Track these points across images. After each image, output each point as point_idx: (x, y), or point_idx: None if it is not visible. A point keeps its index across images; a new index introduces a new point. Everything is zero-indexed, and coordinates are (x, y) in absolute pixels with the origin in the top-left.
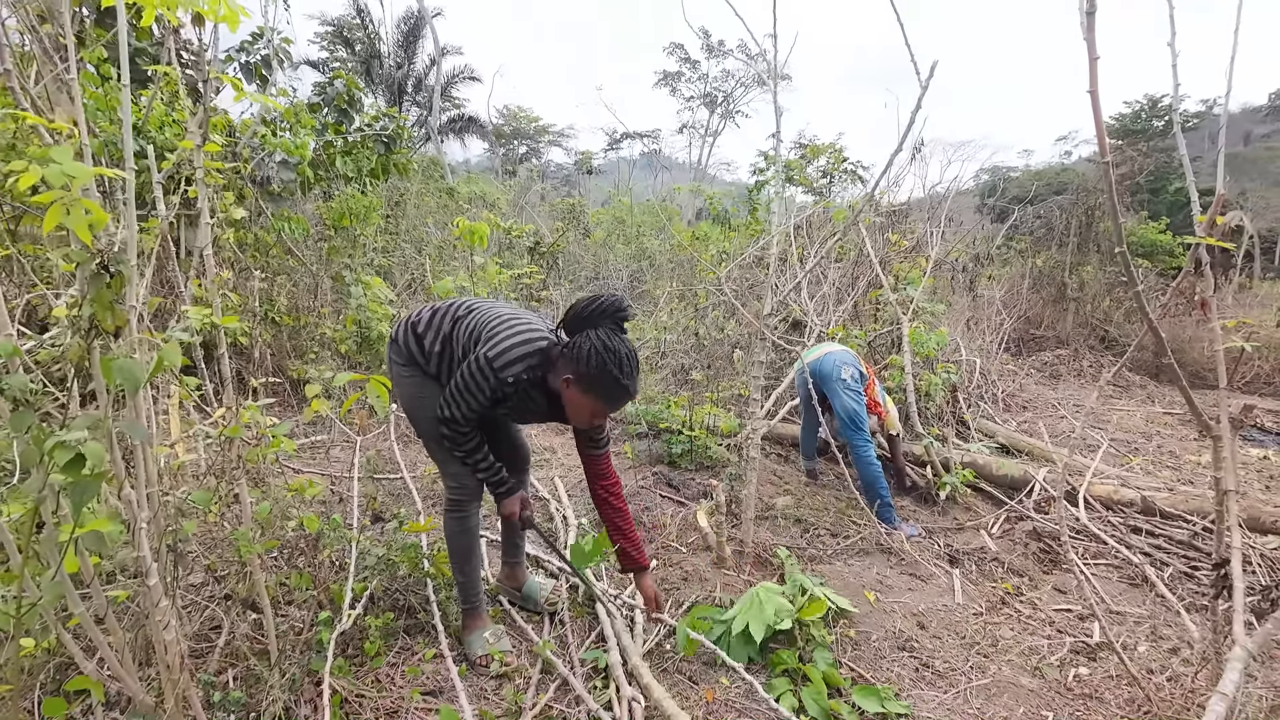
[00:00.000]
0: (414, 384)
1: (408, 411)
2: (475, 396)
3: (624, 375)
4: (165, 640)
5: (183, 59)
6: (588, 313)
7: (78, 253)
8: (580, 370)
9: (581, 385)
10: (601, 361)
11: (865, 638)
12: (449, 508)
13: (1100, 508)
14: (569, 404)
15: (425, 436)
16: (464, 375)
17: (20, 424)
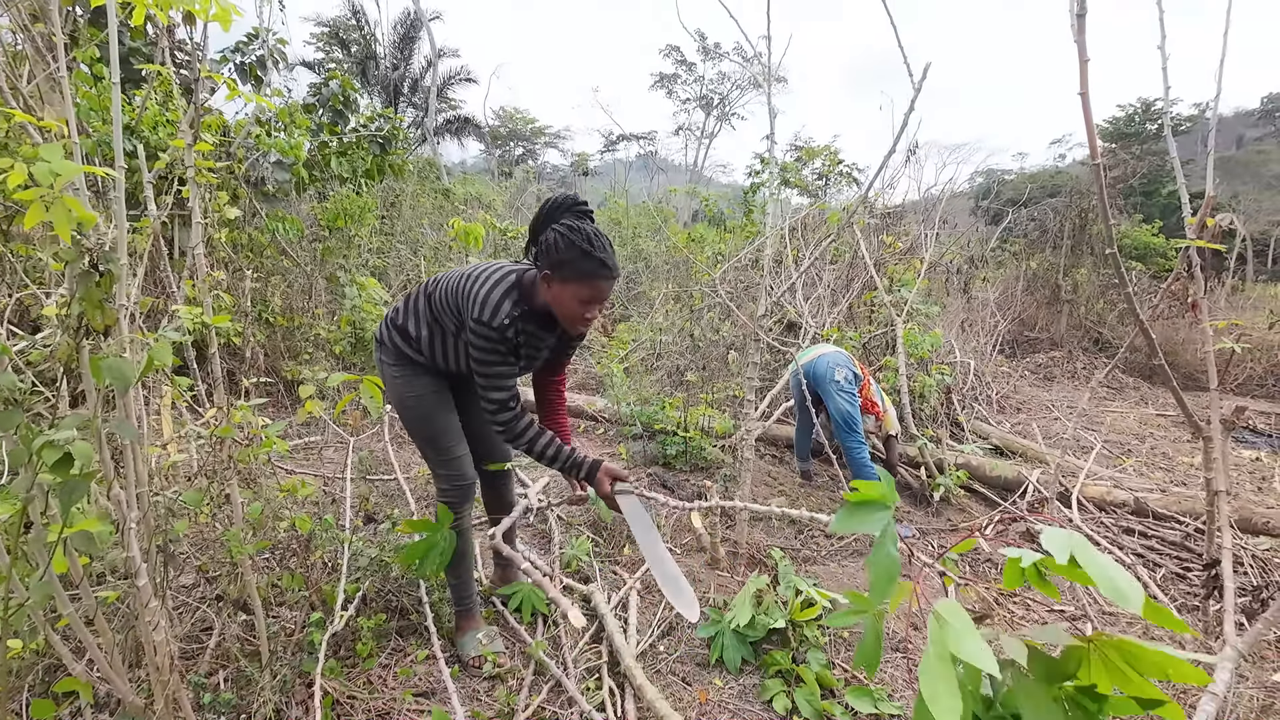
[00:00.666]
0: (404, 383)
1: (400, 412)
2: (499, 364)
3: (595, 249)
4: (155, 641)
5: (176, 59)
6: (545, 214)
7: (67, 250)
8: (553, 259)
9: (559, 275)
10: (569, 241)
11: (859, 638)
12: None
13: (1093, 509)
14: (557, 306)
15: (417, 437)
16: (476, 354)
17: (8, 423)
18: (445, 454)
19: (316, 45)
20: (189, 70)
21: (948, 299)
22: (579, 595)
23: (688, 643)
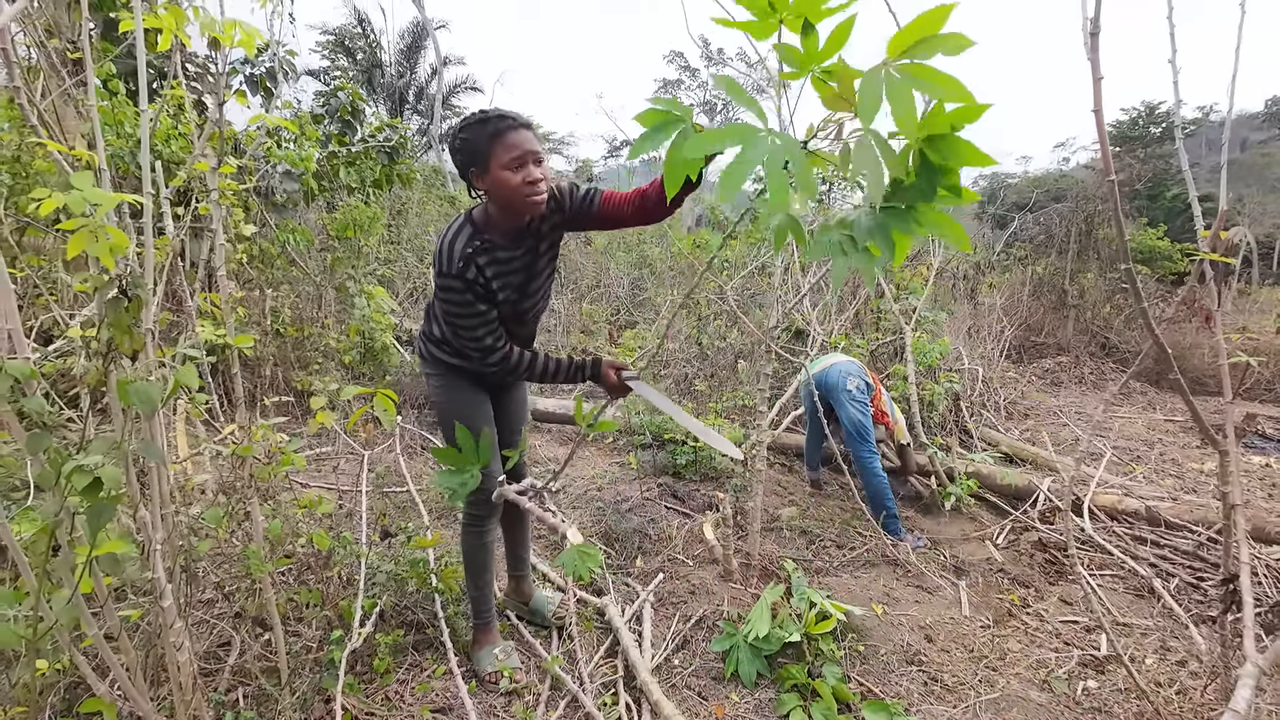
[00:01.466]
0: (444, 389)
1: (441, 419)
2: (469, 317)
3: (485, 115)
4: (178, 661)
5: (188, 71)
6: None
7: (96, 277)
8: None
9: (479, 164)
10: (463, 129)
11: (874, 651)
12: (468, 521)
13: (1105, 517)
14: (500, 194)
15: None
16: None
17: (37, 446)
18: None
19: (322, 54)
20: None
21: (954, 305)
22: (593, 608)
23: (702, 656)
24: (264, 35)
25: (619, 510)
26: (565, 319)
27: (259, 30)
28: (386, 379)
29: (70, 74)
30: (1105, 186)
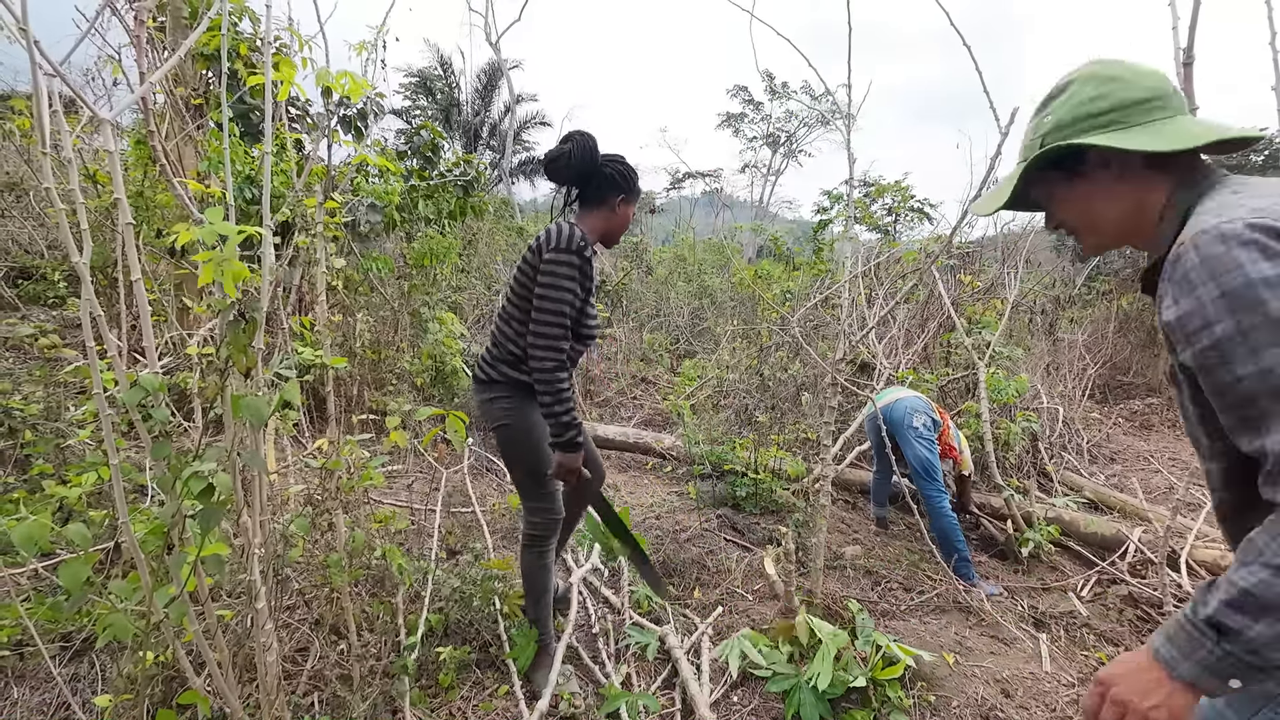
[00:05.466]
0: (517, 414)
1: (508, 446)
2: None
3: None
4: (267, 661)
5: (290, 114)
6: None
7: (219, 301)
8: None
9: (630, 196)
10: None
11: (945, 703)
12: (528, 543)
13: (1205, 575)
14: (620, 224)
15: (521, 468)
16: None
17: (160, 453)
18: (545, 487)
19: (404, 94)
20: (299, 124)
21: (1031, 341)
22: (657, 636)
23: (762, 695)
24: (369, 84)
25: (677, 540)
26: (626, 347)
27: (367, 81)
28: (455, 401)
29: (192, 118)
30: None
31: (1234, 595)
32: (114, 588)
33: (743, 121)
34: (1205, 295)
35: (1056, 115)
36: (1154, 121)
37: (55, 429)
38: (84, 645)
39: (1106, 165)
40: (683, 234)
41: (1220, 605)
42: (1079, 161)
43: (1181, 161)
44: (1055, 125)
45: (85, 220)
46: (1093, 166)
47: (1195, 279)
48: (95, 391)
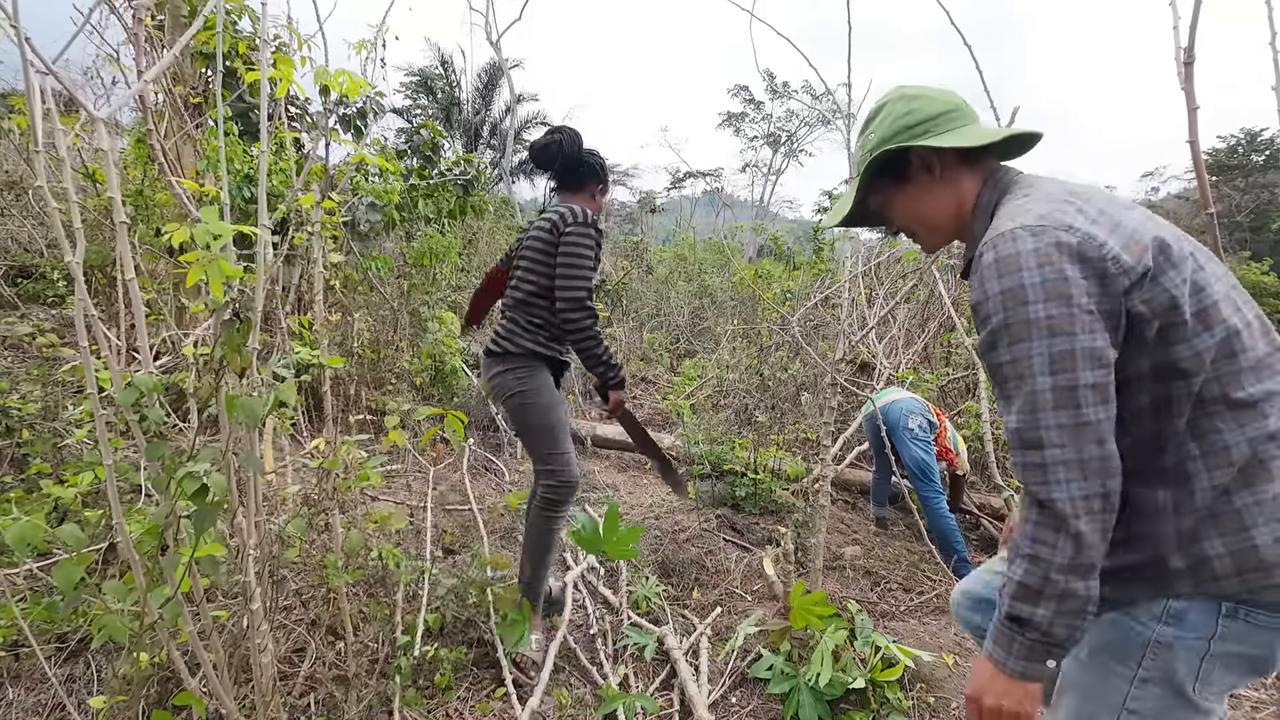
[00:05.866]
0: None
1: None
2: (590, 261)
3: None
4: (262, 662)
5: (289, 112)
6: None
7: (215, 300)
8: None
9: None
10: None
11: (944, 704)
12: (544, 505)
13: None
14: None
15: (537, 430)
16: (573, 254)
17: (154, 453)
18: (560, 447)
19: (405, 93)
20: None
21: None
22: (655, 637)
23: (761, 696)
24: (368, 83)
25: (676, 540)
26: (626, 346)
27: (365, 80)
28: (455, 400)
29: (191, 117)
30: (1203, 219)
31: (1014, 589)
32: (108, 588)
33: (743, 121)
34: (991, 290)
35: (879, 132)
36: (957, 127)
37: (53, 428)
38: (80, 646)
39: (929, 169)
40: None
41: (1010, 601)
42: (905, 167)
43: (985, 164)
44: (880, 140)
45: (78, 219)
46: (916, 170)
47: (988, 275)
48: (89, 391)
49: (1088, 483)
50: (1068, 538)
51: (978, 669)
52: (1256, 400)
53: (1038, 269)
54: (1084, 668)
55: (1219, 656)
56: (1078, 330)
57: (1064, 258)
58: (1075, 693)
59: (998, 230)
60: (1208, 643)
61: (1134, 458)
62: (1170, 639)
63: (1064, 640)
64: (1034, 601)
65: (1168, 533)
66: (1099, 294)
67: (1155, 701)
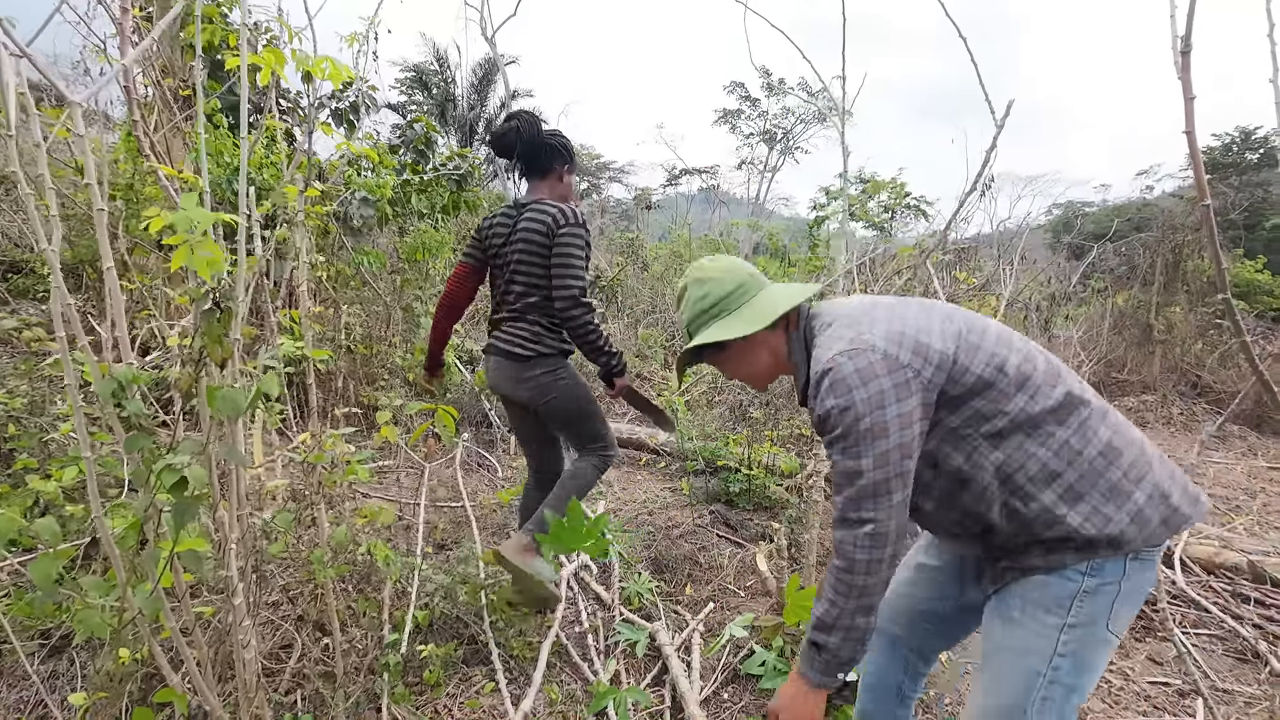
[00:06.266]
0: (568, 375)
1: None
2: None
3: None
4: (245, 659)
5: (281, 106)
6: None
7: (195, 289)
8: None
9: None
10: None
11: (937, 699)
12: (598, 464)
13: (1200, 571)
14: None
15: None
16: (571, 253)
17: (134, 446)
18: (606, 422)
19: (400, 89)
20: (290, 117)
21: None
22: (647, 633)
23: (754, 691)
24: (351, 71)
25: (670, 536)
26: (621, 343)
27: (348, 67)
28: (448, 397)
29: (180, 109)
30: (1199, 211)
31: (815, 621)
32: (87, 583)
33: (739, 118)
34: (830, 405)
35: (686, 315)
36: (745, 304)
37: (40, 424)
38: (62, 642)
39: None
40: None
41: (812, 630)
42: (719, 345)
43: (783, 317)
44: (687, 321)
45: (55, 205)
46: (729, 344)
47: (825, 394)
48: (68, 382)
49: (881, 550)
50: (858, 585)
51: (783, 689)
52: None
53: (860, 388)
54: (1015, 625)
55: (1125, 595)
56: (891, 432)
57: (878, 372)
58: (1008, 652)
59: (823, 360)
60: (1119, 585)
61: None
62: (1095, 587)
63: (848, 660)
64: (828, 631)
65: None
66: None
67: (1079, 643)
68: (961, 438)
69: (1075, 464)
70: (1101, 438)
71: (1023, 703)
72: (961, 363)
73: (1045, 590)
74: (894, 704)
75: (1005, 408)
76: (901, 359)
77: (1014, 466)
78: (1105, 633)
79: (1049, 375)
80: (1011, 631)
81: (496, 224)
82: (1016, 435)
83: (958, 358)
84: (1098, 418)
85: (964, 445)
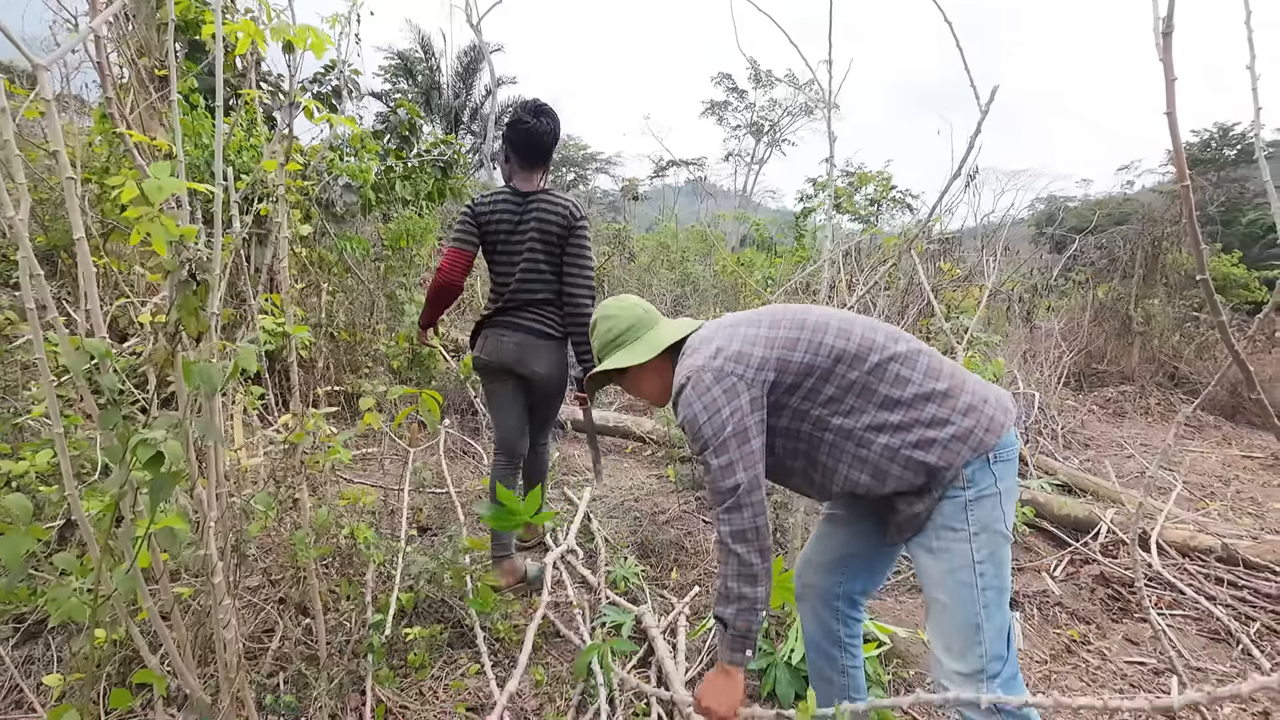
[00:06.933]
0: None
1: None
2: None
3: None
4: (225, 639)
5: (261, 88)
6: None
7: (169, 261)
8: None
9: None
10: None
11: (920, 679)
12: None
13: (1175, 554)
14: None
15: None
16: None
17: (108, 421)
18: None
19: (384, 77)
20: (271, 99)
21: (1009, 328)
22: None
23: None
24: (333, 41)
25: (656, 522)
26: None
27: (329, 37)
28: (432, 383)
29: (157, 90)
30: (1179, 196)
31: (716, 600)
32: (60, 560)
33: (726, 110)
34: (682, 416)
35: (596, 344)
36: (642, 337)
37: (13, 407)
38: (37, 627)
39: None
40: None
41: (715, 608)
42: (621, 371)
43: (672, 347)
44: (597, 350)
45: (21, 173)
46: (629, 369)
47: (679, 409)
48: (37, 356)
49: (740, 521)
50: (734, 557)
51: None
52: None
53: (698, 399)
54: (938, 555)
55: (1005, 494)
56: (728, 426)
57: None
58: (942, 575)
59: (675, 383)
60: (997, 488)
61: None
62: (976, 496)
63: (745, 632)
64: (725, 604)
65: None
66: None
67: (988, 547)
68: (804, 411)
69: (896, 409)
70: (915, 381)
71: (973, 616)
72: (784, 356)
73: (943, 514)
74: (839, 654)
75: (831, 379)
76: (726, 369)
77: (851, 423)
78: (1005, 531)
79: (863, 345)
80: (937, 558)
81: (499, 211)
82: (848, 398)
83: (780, 354)
84: (908, 366)
85: (809, 416)
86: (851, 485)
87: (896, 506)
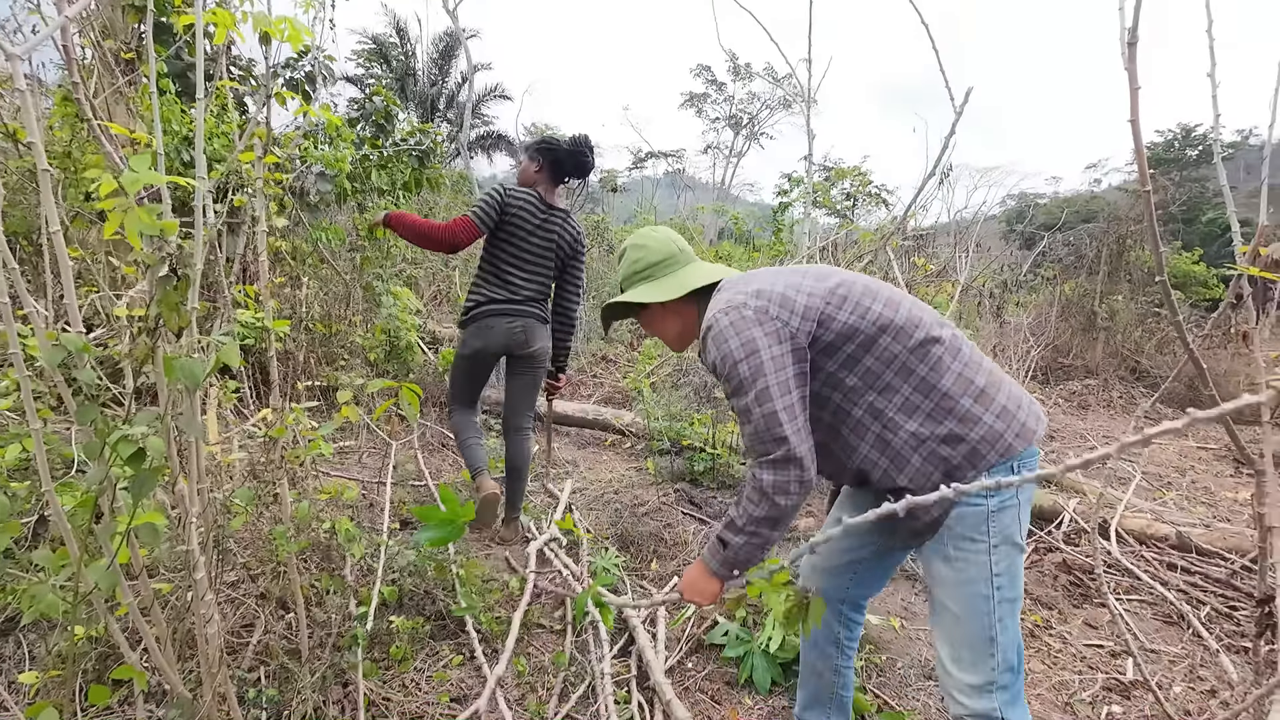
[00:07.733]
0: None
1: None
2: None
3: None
4: (207, 634)
5: (232, 74)
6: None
7: (149, 256)
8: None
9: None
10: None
11: (890, 664)
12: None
13: (1133, 542)
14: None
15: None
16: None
17: (86, 416)
18: None
19: (358, 62)
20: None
21: (980, 323)
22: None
23: (717, 661)
24: (310, 31)
25: (635, 514)
26: (587, 325)
27: (306, 27)
28: (410, 377)
29: (123, 73)
30: (1141, 198)
31: (726, 521)
32: (38, 558)
33: (705, 102)
34: (714, 355)
35: (621, 272)
36: (671, 274)
37: None
38: (8, 625)
39: (661, 305)
40: (645, 214)
41: (722, 529)
42: (642, 305)
43: (700, 290)
44: (621, 278)
45: None
46: (649, 306)
47: (708, 347)
48: (12, 350)
49: (786, 472)
50: (769, 503)
51: (689, 570)
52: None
53: (736, 336)
54: (954, 564)
55: (1023, 505)
56: (768, 372)
57: (749, 323)
58: (957, 586)
59: (706, 319)
60: (1017, 498)
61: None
62: (998, 506)
63: (745, 561)
64: (735, 533)
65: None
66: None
67: (1006, 559)
68: (839, 380)
69: (931, 395)
70: (954, 371)
71: (987, 630)
72: (828, 312)
73: (962, 521)
74: (835, 654)
75: (872, 350)
76: (770, 312)
77: (883, 402)
78: (1021, 542)
79: (910, 320)
80: (953, 567)
81: (525, 210)
82: (886, 374)
83: (825, 309)
84: (950, 354)
85: (842, 385)
86: (869, 466)
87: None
